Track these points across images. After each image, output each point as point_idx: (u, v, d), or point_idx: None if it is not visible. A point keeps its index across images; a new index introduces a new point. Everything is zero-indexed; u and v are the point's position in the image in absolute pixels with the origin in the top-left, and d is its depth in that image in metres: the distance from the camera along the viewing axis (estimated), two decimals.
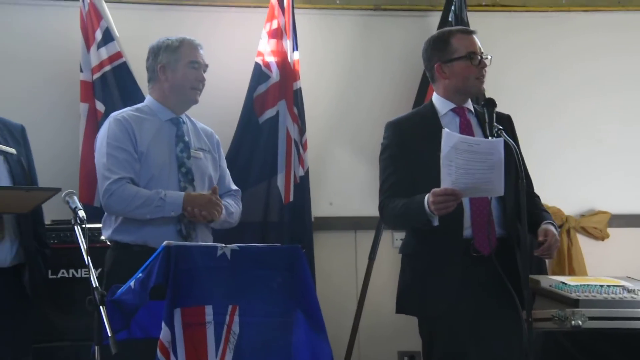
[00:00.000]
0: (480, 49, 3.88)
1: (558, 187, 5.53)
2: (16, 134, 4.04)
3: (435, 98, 3.97)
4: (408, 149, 3.85)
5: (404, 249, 3.97)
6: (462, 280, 3.69)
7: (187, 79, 4.18)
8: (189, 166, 4.14)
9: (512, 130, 3.95)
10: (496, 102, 3.72)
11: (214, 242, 3.82)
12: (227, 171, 4.44)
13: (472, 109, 3.95)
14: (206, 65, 4.25)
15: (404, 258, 3.96)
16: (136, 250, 3.97)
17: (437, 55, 3.91)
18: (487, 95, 3.85)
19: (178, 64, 4.17)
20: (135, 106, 4.26)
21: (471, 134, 3.82)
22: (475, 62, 3.85)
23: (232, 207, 4.27)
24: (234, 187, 4.42)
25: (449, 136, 3.52)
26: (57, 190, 3.65)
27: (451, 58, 3.87)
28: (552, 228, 3.74)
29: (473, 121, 3.91)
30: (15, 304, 3.82)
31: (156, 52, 4.22)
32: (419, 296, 3.81)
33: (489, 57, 3.88)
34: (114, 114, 4.20)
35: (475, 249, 3.72)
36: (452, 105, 3.92)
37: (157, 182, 4.05)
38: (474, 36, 3.92)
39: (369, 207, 5.29)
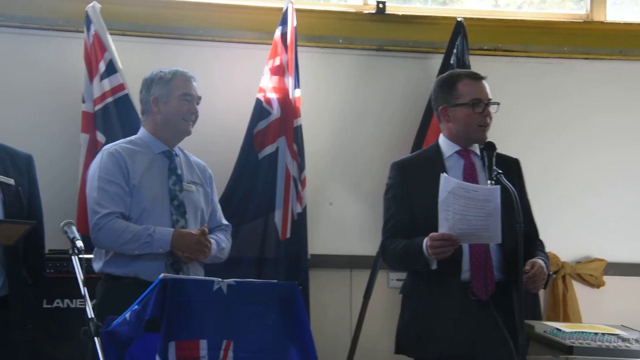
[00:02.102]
0: (487, 95, 3.86)
1: (555, 234, 5.47)
2: (20, 164, 4.04)
3: (442, 139, 3.98)
4: (411, 190, 3.85)
5: (404, 290, 3.97)
6: (460, 323, 3.69)
7: (179, 111, 4.16)
8: (181, 199, 4.13)
9: (518, 174, 3.95)
10: (495, 146, 3.71)
11: (209, 276, 3.81)
12: (219, 206, 4.42)
13: (478, 152, 3.92)
14: (199, 98, 4.23)
15: (403, 299, 3.96)
16: (127, 283, 3.96)
17: (443, 97, 3.91)
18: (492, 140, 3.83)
19: (170, 97, 4.16)
20: (128, 138, 4.26)
21: (475, 177, 3.83)
22: (478, 110, 3.84)
23: (224, 243, 4.26)
24: (224, 221, 4.40)
25: (447, 181, 3.53)
26: (32, 224, 3.71)
27: (455, 103, 3.87)
28: (539, 261, 3.72)
29: (478, 164, 3.89)
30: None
31: (149, 85, 4.22)
32: (418, 337, 3.81)
33: (496, 105, 3.87)
34: (107, 147, 4.20)
35: (473, 293, 3.72)
36: (457, 148, 3.92)
37: (149, 215, 4.04)
38: (484, 82, 3.90)
39: (365, 246, 5.33)
